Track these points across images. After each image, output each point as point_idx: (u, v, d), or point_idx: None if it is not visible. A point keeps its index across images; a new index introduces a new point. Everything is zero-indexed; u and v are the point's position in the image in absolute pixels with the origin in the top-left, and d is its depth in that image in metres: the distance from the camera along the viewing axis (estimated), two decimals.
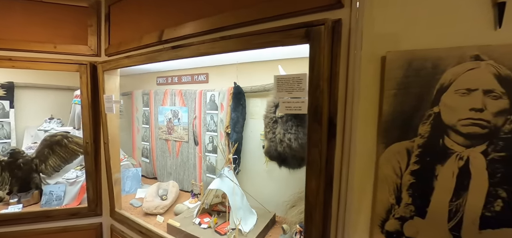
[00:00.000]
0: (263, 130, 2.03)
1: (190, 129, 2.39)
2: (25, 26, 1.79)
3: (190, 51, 1.23)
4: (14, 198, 2.12)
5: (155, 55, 1.39)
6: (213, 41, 1.13)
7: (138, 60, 1.47)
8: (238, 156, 2.02)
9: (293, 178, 1.89)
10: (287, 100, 0.94)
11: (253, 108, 2.10)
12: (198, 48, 1.19)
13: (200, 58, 2.32)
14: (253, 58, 2.03)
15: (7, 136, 2.42)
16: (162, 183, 2.41)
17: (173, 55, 1.30)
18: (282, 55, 1.86)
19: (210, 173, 2.26)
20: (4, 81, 2.41)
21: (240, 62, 2.10)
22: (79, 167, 2.41)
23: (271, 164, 2.04)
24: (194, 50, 1.21)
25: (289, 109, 0.94)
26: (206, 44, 1.15)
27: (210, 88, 2.27)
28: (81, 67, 1.83)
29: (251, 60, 2.07)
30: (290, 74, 0.92)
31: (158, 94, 2.63)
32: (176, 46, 1.28)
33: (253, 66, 2.09)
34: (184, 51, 1.25)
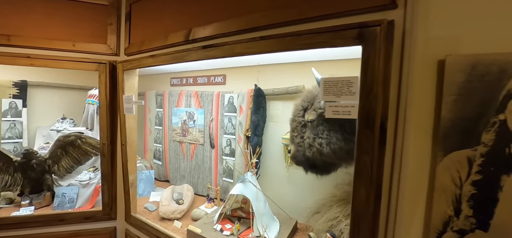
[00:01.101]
0: (285, 133, 1.99)
1: (206, 131, 2.34)
2: (45, 23, 1.75)
3: (222, 51, 1.18)
4: (26, 199, 2.06)
5: (183, 55, 1.34)
6: (250, 41, 1.08)
7: (164, 60, 1.43)
8: (258, 159, 1.97)
9: (315, 183, 1.83)
10: (335, 105, 0.89)
11: (274, 111, 2.05)
12: (232, 49, 1.15)
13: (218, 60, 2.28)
14: (275, 60, 1.98)
15: (19, 135, 2.37)
16: (176, 186, 2.35)
17: (203, 55, 1.25)
18: (307, 57, 1.81)
19: (227, 176, 2.21)
20: (18, 80, 2.36)
21: (261, 64, 2.06)
22: (92, 168, 2.35)
23: (292, 169, 2.00)
24: (227, 51, 1.16)
25: (337, 113, 0.89)
26: (243, 45, 1.10)
27: (228, 90, 2.23)
28: (100, 66, 1.78)
29: (272, 62, 2.03)
30: (339, 77, 0.88)
31: (172, 95, 2.58)
32: (207, 46, 1.23)
33: (274, 68, 2.04)
34: (216, 51, 1.20)
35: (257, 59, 1.99)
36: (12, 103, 2.34)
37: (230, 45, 1.15)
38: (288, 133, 1.98)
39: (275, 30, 1.05)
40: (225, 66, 2.34)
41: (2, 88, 2.28)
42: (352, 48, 1.47)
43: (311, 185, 1.91)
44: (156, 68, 2.75)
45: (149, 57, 1.53)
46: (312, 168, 1.53)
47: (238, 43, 1.13)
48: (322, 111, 1.35)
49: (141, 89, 2.94)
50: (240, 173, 2.12)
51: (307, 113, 1.46)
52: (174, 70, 2.70)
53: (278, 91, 1.94)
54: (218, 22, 1.23)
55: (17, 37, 1.69)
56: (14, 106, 2.35)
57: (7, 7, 1.68)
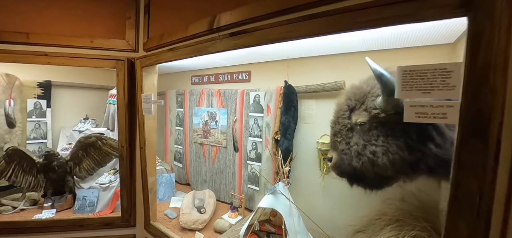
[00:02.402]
0: (320, 136, 1.73)
1: (229, 133, 2.14)
2: (61, 19, 1.66)
3: (254, 38, 0.96)
4: (48, 201, 2.02)
5: (206, 46, 1.14)
6: (291, 23, 0.85)
7: (185, 52, 1.24)
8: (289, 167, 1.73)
9: (356, 197, 1.56)
10: (420, 104, 0.62)
11: (306, 111, 1.80)
12: (267, 34, 0.92)
13: (242, 55, 2.08)
14: (307, 53, 1.73)
15: (43, 136, 2.36)
16: (197, 192, 2.19)
17: (230, 44, 1.04)
18: (347, 48, 1.54)
19: (252, 183, 1.99)
20: (42, 80, 2.35)
21: (291, 58, 1.82)
22: (112, 170, 2.27)
23: (328, 178, 1.73)
24: (260, 37, 0.94)
25: (423, 116, 0.62)
26: (281, 28, 0.87)
27: (254, 88, 2.01)
28: (118, 63, 1.65)
29: (304, 55, 1.77)
30: (429, 64, 0.61)
31: (193, 94, 2.43)
32: (236, 33, 1.02)
33: (306, 63, 1.79)
34: (247, 38, 0.99)
35: (287, 52, 1.74)
36: (37, 104, 2.33)
37: (264, 29, 0.92)
38: (324, 137, 1.72)
39: (325, 7, 0.80)
40: (249, 62, 2.13)
41: (27, 89, 2.27)
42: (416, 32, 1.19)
43: (350, 198, 1.63)
44: (177, 66, 2.62)
45: (167, 51, 1.35)
46: (359, 180, 1.25)
47: (275, 26, 0.90)
48: (377, 112, 1.08)
49: (161, 88, 2.83)
50: (267, 181, 1.89)
51: (355, 115, 1.20)
52: (195, 67, 2.54)
53: (312, 88, 1.68)
54: (249, 4, 1.01)
55: (35, 35, 1.62)
56: (38, 107, 2.34)
57: (26, 4, 1.61)
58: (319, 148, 1.68)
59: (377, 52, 1.51)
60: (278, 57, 1.89)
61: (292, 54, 1.78)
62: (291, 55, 1.79)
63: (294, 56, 1.80)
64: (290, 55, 1.79)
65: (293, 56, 1.80)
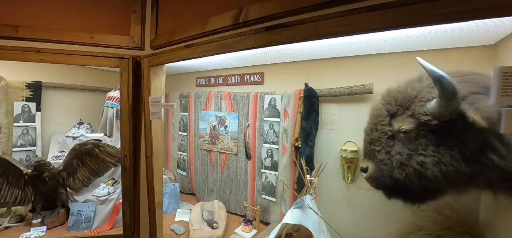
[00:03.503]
0: (343, 143, 1.60)
1: (241, 139, 1.99)
2: (57, 11, 1.47)
3: (298, 33, 0.82)
4: (37, 217, 1.79)
5: (233, 42, 0.99)
6: (348, 16, 0.71)
7: (205, 50, 1.09)
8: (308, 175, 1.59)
9: (383, 208, 1.44)
10: None
11: (327, 116, 1.67)
12: (314, 28, 0.78)
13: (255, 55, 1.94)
14: (328, 54, 1.61)
15: (32, 142, 2.12)
16: (205, 203, 2.02)
17: (265, 40, 0.90)
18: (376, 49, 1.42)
19: (267, 194, 1.84)
20: (31, 81, 2.12)
21: (311, 59, 1.69)
22: (111, 181, 2.06)
23: (353, 188, 1.60)
24: (306, 31, 0.80)
25: None
26: (335, 21, 0.74)
27: (269, 91, 1.87)
28: (122, 62, 1.47)
29: (325, 56, 1.65)
30: None
31: (199, 97, 2.26)
32: (273, 27, 0.87)
33: (327, 64, 1.67)
34: (288, 33, 0.84)
35: (306, 53, 1.62)
36: (25, 107, 2.10)
37: (311, 23, 0.78)
38: (348, 144, 1.59)
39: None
40: (262, 63, 1.99)
41: (14, 90, 2.04)
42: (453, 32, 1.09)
43: (378, 210, 1.51)
44: (180, 67, 2.45)
45: (184, 48, 1.19)
46: (400, 193, 1.13)
47: (324, 19, 0.76)
48: (428, 118, 0.96)
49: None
50: (284, 191, 1.75)
51: (397, 121, 1.07)
52: (200, 68, 2.38)
53: (336, 91, 1.55)
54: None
55: (26, 28, 1.41)
56: (27, 110, 2.11)
57: None
58: (343, 156, 1.55)
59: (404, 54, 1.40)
60: (295, 59, 1.76)
61: (313, 55, 1.66)
62: (312, 56, 1.67)
63: (314, 57, 1.67)
64: (309, 56, 1.67)
65: (313, 57, 1.67)
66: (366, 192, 1.55)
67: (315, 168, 1.40)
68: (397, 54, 1.43)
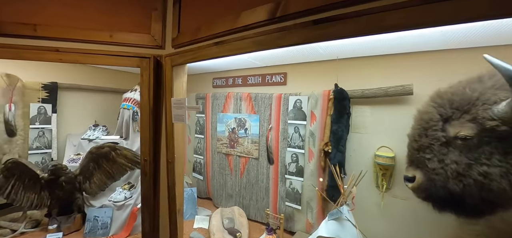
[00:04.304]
0: (377, 148, 1.48)
1: (262, 142, 1.89)
2: (76, 9, 1.40)
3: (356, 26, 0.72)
4: (53, 223, 1.73)
5: (273, 38, 0.89)
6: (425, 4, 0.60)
7: (239, 47, 0.99)
8: None
9: (425, 220, 1.32)
10: None
11: (359, 119, 1.55)
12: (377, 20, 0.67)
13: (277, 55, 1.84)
14: (359, 52, 1.49)
15: (48, 145, 2.08)
16: (224, 210, 1.93)
17: (311, 35, 0.80)
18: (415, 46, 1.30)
19: (292, 201, 1.73)
20: (48, 82, 2.07)
21: (341, 58, 1.58)
22: (127, 185, 1.99)
23: (388, 197, 1.47)
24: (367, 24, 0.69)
25: None
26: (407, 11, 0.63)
27: (293, 92, 1.76)
28: (143, 61, 1.39)
29: (356, 55, 1.54)
30: None
31: (217, 98, 2.17)
32: (323, 20, 0.77)
33: (358, 63, 1.55)
34: (342, 26, 0.74)
35: (337, 51, 1.51)
36: (41, 109, 2.05)
37: (375, 14, 0.67)
38: (382, 149, 1.47)
39: None
40: (285, 63, 1.88)
41: (30, 91, 2.00)
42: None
43: (416, 222, 1.38)
44: (196, 67, 2.37)
45: (212, 46, 1.10)
46: (455, 206, 1.01)
47: (389, 10, 0.65)
48: (495, 123, 0.84)
49: None
50: (310, 199, 1.64)
51: (453, 126, 0.95)
52: (218, 69, 2.30)
53: (371, 92, 1.44)
54: None
55: (44, 27, 1.35)
56: (43, 112, 2.06)
57: None
58: (378, 162, 1.43)
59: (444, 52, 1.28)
60: (321, 58, 1.65)
61: (343, 54, 1.54)
62: (341, 54, 1.55)
63: (344, 55, 1.56)
64: (339, 55, 1.56)
65: (344, 55, 1.56)
66: (403, 201, 1.43)
67: (351, 176, 1.28)
68: (436, 52, 1.30)
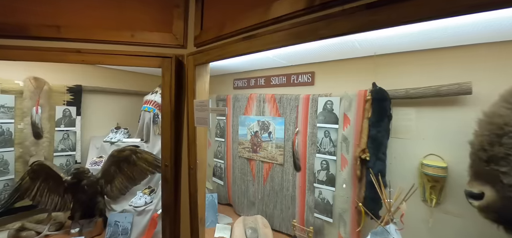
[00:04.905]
0: (424, 156, 1.29)
1: (288, 147, 1.75)
2: (97, 9, 1.36)
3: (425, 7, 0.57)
4: (76, 227, 1.72)
5: (313, 29, 0.76)
6: None
7: (272, 41, 0.87)
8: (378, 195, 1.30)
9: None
10: None
11: (401, 122, 1.37)
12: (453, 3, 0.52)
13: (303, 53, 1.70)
14: (400, 47, 1.31)
15: (72, 147, 2.09)
16: (247, 218, 1.81)
17: (362, 22, 0.66)
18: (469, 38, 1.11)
19: (322, 212, 1.58)
20: (72, 85, 2.09)
21: (379, 54, 1.41)
22: (147, 189, 1.95)
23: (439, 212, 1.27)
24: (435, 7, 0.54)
25: None
26: None
27: (322, 92, 1.61)
28: (165, 61, 1.32)
29: (397, 50, 1.36)
30: None
31: (238, 100, 2.07)
32: (377, 4, 0.63)
33: (399, 60, 1.37)
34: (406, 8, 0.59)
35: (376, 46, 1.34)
36: (66, 111, 2.07)
37: None
38: (430, 157, 1.28)
39: None
40: (312, 61, 1.74)
41: (56, 94, 2.02)
42: None
43: None
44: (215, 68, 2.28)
45: (240, 41, 0.99)
46: None
47: None
48: None
49: None
50: (343, 211, 1.47)
51: None
52: (239, 69, 2.20)
53: (418, 92, 1.25)
54: None
55: (67, 28, 1.32)
56: (68, 114, 2.08)
57: None
58: (426, 173, 1.24)
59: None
60: (353, 54, 1.49)
61: (381, 49, 1.37)
62: (379, 50, 1.38)
63: (383, 51, 1.39)
64: (377, 50, 1.39)
65: (382, 51, 1.39)
66: (456, 219, 1.22)
67: (398, 188, 1.11)
68: (497, 44, 1.10)
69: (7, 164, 1.79)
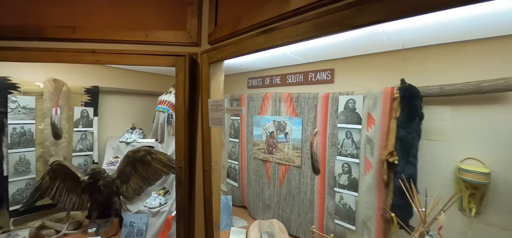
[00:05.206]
0: (461, 160, 1.16)
1: (305, 148, 1.67)
2: (111, 9, 1.35)
3: None
4: (93, 226, 1.73)
5: (342, 18, 0.67)
6: None
7: (294, 33, 0.79)
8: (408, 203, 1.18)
9: None
10: None
11: (433, 123, 1.24)
12: None
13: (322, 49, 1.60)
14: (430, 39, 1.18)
15: (90, 147, 2.13)
16: (262, 222, 1.74)
17: (402, 8, 0.56)
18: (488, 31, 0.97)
19: (343, 219, 1.48)
20: (90, 86, 2.12)
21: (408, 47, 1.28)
22: (162, 190, 1.93)
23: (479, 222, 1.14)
24: None
25: None
26: None
27: (343, 90, 1.51)
28: (178, 60, 1.28)
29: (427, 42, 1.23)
30: None
31: (253, 99, 2.01)
32: None
33: (430, 53, 1.24)
34: None
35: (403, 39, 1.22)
36: (84, 112, 2.11)
37: None
38: (467, 161, 1.15)
39: None
40: (332, 58, 1.63)
41: (74, 96, 2.06)
42: None
43: None
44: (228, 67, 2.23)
45: (258, 35, 0.92)
46: None
47: None
48: None
49: None
50: (367, 218, 1.37)
51: None
52: (253, 68, 2.13)
53: (455, 89, 1.12)
54: None
55: (82, 29, 1.32)
56: (85, 115, 2.11)
57: None
58: (464, 179, 1.11)
59: None
60: (377, 49, 1.38)
61: (410, 42, 1.25)
62: (408, 43, 1.26)
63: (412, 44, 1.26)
64: (405, 43, 1.27)
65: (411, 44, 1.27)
66: (500, 232, 1.09)
67: (434, 197, 0.99)
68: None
69: (29, 164, 1.84)
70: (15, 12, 1.32)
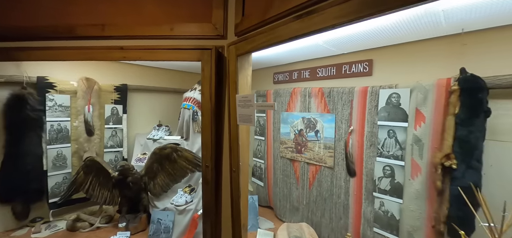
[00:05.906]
0: None
1: (339, 148, 1.53)
2: (137, 5, 1.34)
3: None
4: (123, 221, 1.77)
5: None
6: None
7: (338, 15, 0.66)
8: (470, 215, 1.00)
9: None
10: None
11: (501, 120, 1.04)
12: None
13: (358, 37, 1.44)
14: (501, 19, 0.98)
15: (119, 144, 2.19)
16: (291, 225, 1.64)
17: None
18: None
19: (384, 227, 1.32)
20: (119, 84, 2.18)
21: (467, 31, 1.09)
22: (187, 188, 1.92)
23: None
24: None
25: None
26: None
27: (382, 83, 1.34)
28: (204, 53, 1.21)
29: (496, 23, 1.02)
30: None
31: (280, 95, 1.90)
32: None
33: (500, 36, 1.04)
34: None
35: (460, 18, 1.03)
36: (113, 109, 2.17)
37: None
38: None
39: None
40: (370, 47, 1.47)
41: (105, 93, 2.12)
42: None
43: None
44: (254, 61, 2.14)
45: (293, 21, 0.81)
46: None
47: None
48: None
49: None
50: (413, 229, 1.20)
51: None
52: (279, 62, 2.02)
53: None
54: None
55: (110, 27, 1.32)
56: (115, 113, 2.17)
57: None
58: None
59: None
60: (429, 34, 1.19)
61: (470, 25, 1.05)
62: (468, 26, 1.06)
63: (472, 27, 1.06)
64: (465, 26, 1.07)
65: (471, 27, 1.06)
66: None
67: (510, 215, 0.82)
68: None
69: (65, 159, 1.93)
70: (48, 13, 1.35)
